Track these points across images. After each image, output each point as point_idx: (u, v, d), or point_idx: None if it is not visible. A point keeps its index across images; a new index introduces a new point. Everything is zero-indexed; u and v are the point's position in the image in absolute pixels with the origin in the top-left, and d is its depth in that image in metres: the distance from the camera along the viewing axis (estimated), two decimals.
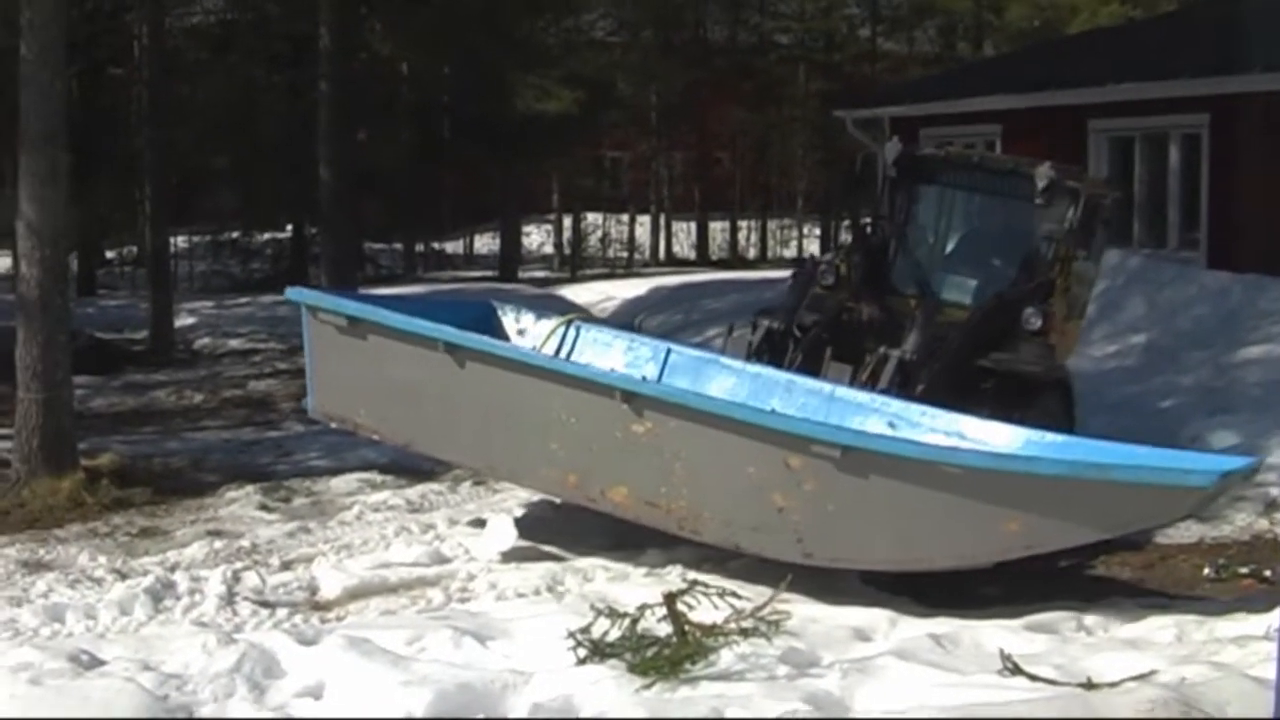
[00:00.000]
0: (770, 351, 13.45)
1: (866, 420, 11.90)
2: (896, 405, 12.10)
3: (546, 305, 21.54)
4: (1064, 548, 10.42)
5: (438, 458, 13.25)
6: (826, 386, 12.57)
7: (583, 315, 13.90)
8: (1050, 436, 11.43)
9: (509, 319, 13.98)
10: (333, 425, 13.07)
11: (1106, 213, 15.04)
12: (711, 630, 8.22)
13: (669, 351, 13.29)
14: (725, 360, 13.23)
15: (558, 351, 13.40)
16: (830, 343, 13.66)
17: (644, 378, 12.67)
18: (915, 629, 9.28)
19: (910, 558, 10.20)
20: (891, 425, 11.78)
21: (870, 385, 12.81)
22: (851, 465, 10.12)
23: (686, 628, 8.29)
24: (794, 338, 13.62)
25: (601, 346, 13.52)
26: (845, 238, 15.99)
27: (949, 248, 15.37)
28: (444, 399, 11.90)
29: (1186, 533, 12.98)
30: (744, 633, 8.21)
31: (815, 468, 10.25)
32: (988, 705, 7.11)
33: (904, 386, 12.69)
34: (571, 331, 13.59)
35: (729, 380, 12.80)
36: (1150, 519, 10.23)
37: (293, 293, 13.18)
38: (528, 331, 13.78)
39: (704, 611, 8.44)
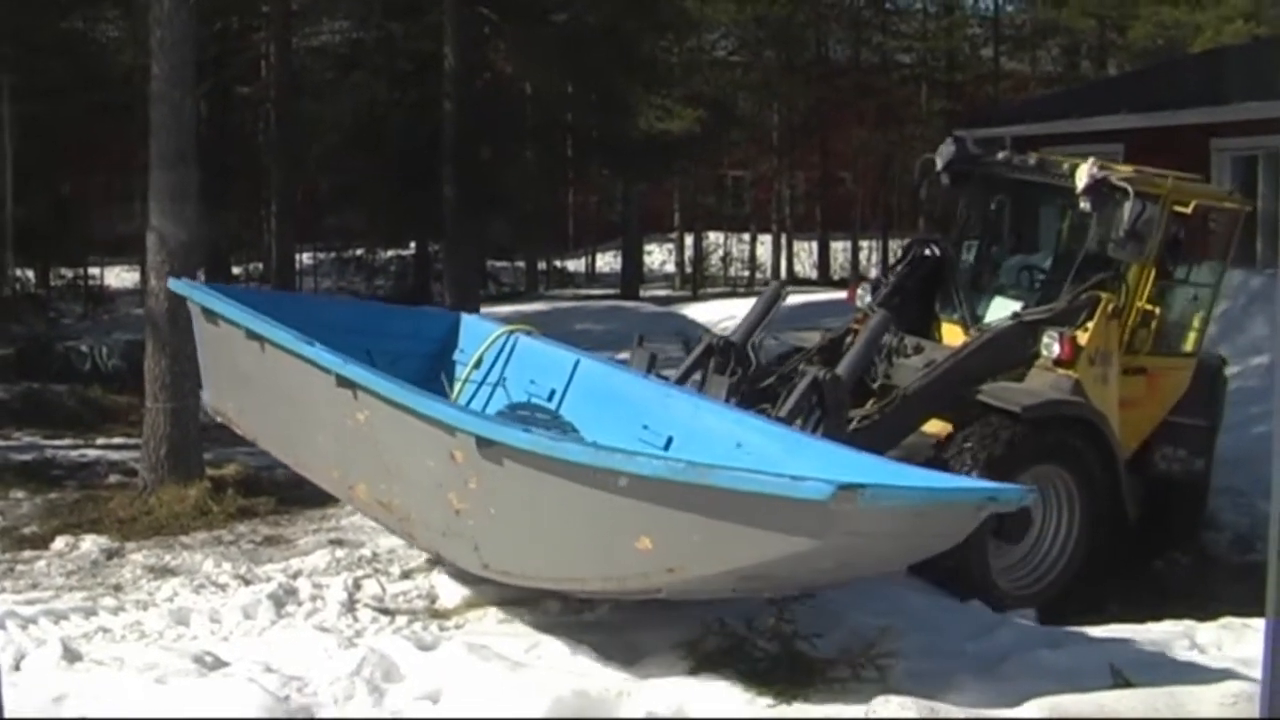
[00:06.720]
0: (712, 365, 12.85)
1: (717, 440, 10.33)
2: (757, 426, 10.61)
3: (659, 324, 21.39)
4: (715, 575, 7.96)
5: (274, 455, 12.39)
6: (701, 401, 11.55)
7: (526, 329, 13.29)
8: (851, 456, 9.49)
9: (466, 329, 13.37)
10: (218, 420, 12.58)
11: (1223, 226, 13.99)
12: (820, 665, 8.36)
13: (578, 362, 12.34)
14: (624, 370, 12.62)
15: (495, 362, 12.73)
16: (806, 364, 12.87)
17: (552, 391, 12.17)
18: (1031, 644, 9.31)
19: (565, 576, 8.76)
20: (739, 446, 10.14)
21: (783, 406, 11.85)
22: (494, 460, 8.75)
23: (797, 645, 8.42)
24: (738, 351, 12.91)
25: (529, 356, 12.71)
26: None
27: (1000, 261, 14.46)
28: (264, 391, 11.49)
29: None
30: (854, 667, 8.33)
31: (474, 462, 8.92)
32: (1078, 702, 7.22)
33: (825, 410, 11.77)
34: (510, 341, 12.82)
35: (620, 387, 11.92)
36: (789, 543, 7.50)
37: (173, 284, 13.12)
38: (476, 341, 13.06)
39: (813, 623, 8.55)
